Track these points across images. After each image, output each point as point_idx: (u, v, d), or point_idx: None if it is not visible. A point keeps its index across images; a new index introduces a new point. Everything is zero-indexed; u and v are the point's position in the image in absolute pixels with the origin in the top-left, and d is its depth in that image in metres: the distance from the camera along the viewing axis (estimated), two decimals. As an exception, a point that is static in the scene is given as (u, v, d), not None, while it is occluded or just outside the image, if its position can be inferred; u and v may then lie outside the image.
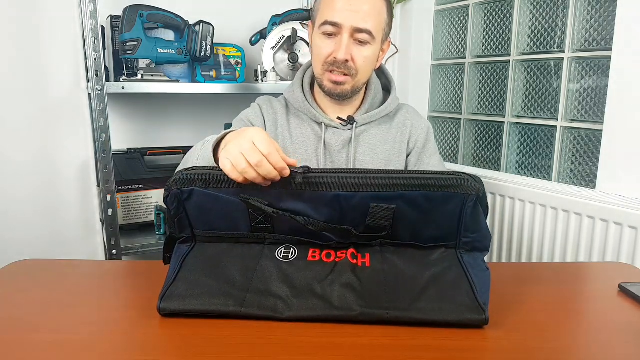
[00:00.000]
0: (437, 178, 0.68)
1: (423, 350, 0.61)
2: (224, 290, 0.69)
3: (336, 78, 1.02)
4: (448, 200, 0.68)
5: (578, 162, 1.47)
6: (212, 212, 0.72)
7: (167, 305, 0.68)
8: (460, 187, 0.67)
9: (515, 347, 0.61)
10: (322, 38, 1.02)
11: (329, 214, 0.71)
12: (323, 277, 0.70)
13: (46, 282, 0.81)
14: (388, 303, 0.67)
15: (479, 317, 0.65)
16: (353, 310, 0.66)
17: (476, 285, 0.68)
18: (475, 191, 0.67)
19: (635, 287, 0.78)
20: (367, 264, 0.71)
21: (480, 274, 0.69)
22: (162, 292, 0.69)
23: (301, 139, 1.10)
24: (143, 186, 1.54)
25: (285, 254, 0.73)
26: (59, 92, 1.55)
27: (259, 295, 0.68)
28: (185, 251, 0.74)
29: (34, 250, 1.57)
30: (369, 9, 0.99)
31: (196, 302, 0.68)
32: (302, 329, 0.65)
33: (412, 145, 1.15)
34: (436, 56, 1.94)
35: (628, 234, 1.18)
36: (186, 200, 0.71)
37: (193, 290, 0.69)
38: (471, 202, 0.68)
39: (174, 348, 0.61)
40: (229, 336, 0.63)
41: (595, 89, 1.41)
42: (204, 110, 1.79)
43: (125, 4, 1.40)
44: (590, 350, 0.62)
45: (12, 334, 0.64)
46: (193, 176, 0.70)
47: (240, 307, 0.67)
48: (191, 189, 0.70)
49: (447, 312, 0.66)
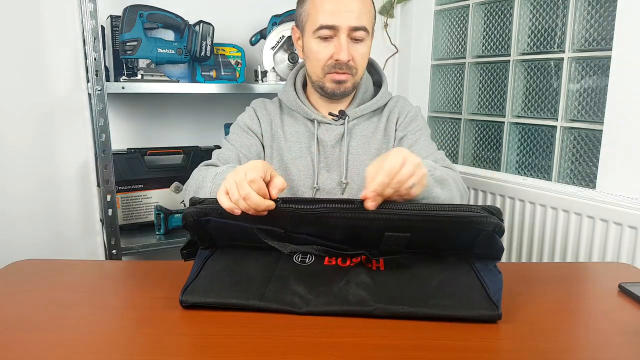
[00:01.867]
0: (457, 216, 0.68)
1: (423, 350, 0.61)
2: (243, 286, 0.72)
3: (339, 77, 1.03)
4: (465, 229, 0.70)
5: (578, 162, 1.47)
6: (230, 231, 0.76)
7: (189, 298, 0.70)
8: (479, 224, 0.69)
9: (515, 347, 0.61)
10: (318, 42, 1.02)
11: (343, 237, 0.74)
12: (339, 279, 0.72)
13: (46, 282, 0.81)
14: (402, 299, 0.68)
15: (492, 313, 0.67)
16: (368, 306, 0.68)
17: (488, 285, 0.70)
18: (493, 227, 0.69)
19: (635, 287, 0.78)
20: (381, 268, 0.74)
21: (492, 277, 0.72)
22: (185, 286, 0.72)
23: (295, 137, 1.12)
24: (143, 186, 1.54)
25: (302, 258, 0.76)
26: (59, 92, 1.55)
27: (277, 292, 0.71)
28: (207, 255, 0.78)
29: (34, 250, 1.57)
30: (361, 6, 1.00)
31: (217, 295, 0.70)
32: (301, 329, 0.65)
33: (399, 125, 1.13)
34: (436, 56, 1.94)
35: (628, 234, 1.18)
36: (204, 224, 0.75)
37: (213, 285, 0.72)
38: (488, 232, 0.70)
39: (174, 348, 0.61)
40: (228, 336, 0.63)
41: (595, 89, 1.41)
42: (204, 110, 1.79)
43: (125, 4, 1.40)
44: (590, 350, 0.62)
45: (12, 334, 0.64)
46: (208, 210, 0.73)
47: (259, 300, 0.69)
48: (207, 219, 0.74)
49: (461, 308, 0.67)
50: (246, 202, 0.68)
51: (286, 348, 0.60)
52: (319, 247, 0.74)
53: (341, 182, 1.09)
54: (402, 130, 1.12)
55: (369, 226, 0.71)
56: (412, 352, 0.60)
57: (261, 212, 0.70)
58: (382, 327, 0.66)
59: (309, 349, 0.60)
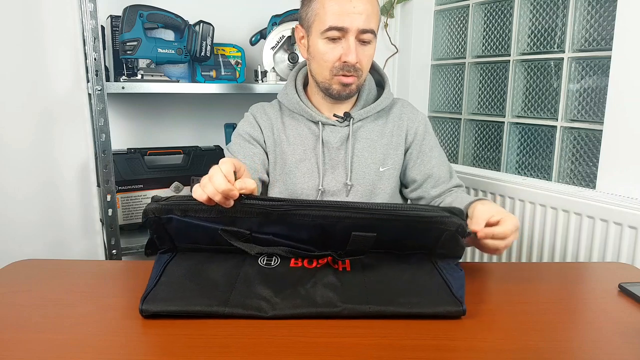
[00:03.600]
0: (421, 216, 0.71)
1: (423, 350, 0.61)
2: (207, 292, 0.70)
3: (347, 80, 1.03)
4: (429, 229, 0.73)
5: (578, 162, 1.47)
6: (193, 232, 0.74)
7: (149, 307, 0.67)
8: (442, 224, 0.72)
9: (516, 347, 0.61)
10: (326, 43, 1.02)
11: (309, 237, 0.74)
12: (305, 280, 0.72)
13: (46, 282, 0.81)
14: (369, 299, 0.69)
15: (457, 309, 0.68)
16: (336, 307, 0.68)
17: (451, 283, 0.72)
18: (455, 227, 0.72)
19: (635, 287, 0.78)
20: (347, 268, 0.75)
21: (455, 274, 0.74)
22: (144, 295, 0.69)
23: (298, 139, 1.11)
24: (143, 186, 1.54)
25: (267, 261, 0.75)
26: (59, 92, 1.55)
27: (243, 296, 0.69)
28: (166, 259, 0.75)
29: (34, 250, 1.57)
30: (369, 8, 1.00)
31: (180, 302, 0.68)
32: (302, 329, 0.65)
33: (411, 139, 1.14)
34: (436, 56, 1.94)
35: (628, 234, 1.18)
36: (166, 223, 0.73)
37: (176, 293, 0.70)
38: (451, 232, 0.72)
39: (173, 348, 0.61)
40: (227, 336, 0.63)
41: (595, 89, 1.41)
42: (204, 110, 1.79)
43: (125, 4, 1.40)
44: (590, 350, 0.62)
45: (12, 334, 0.64)
46: (170, 206, 0.71)
47: (224, 306, 0.68)
48: (169, 216, 0.72)
49: (427, 305, 0.69)
50: (210, 181, 0.68)
51: (286, 348, 0.61)
52: (285, 249, 0.73)
53: (346, 184, 1.09)
54: (417, 147, 1.14)
55: (336, 225, 0.71)
56: (411, 352, 0.60)
57: (225, 202, 0.69)
58: (382, 326, 0.66)
59: (310, 349, 0.60)
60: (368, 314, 0.68)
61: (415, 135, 1.14)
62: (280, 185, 1.11)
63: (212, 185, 0.68)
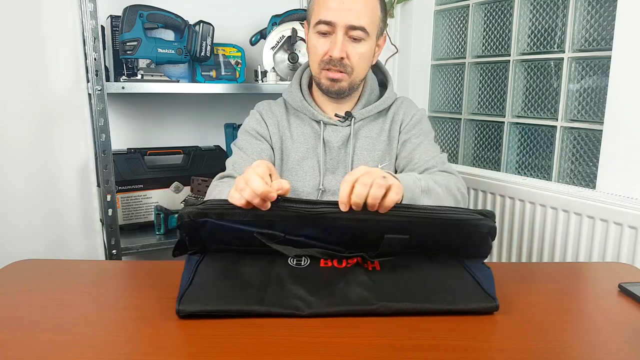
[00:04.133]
0: (455, 219, 0.71)
1: (423, 350, 0.61)
2: (241, 292, 0.70)
3: (332, 75, 1.03)
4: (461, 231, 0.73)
5: (578, 162, 1.47)
6: (225, 234, 0.74)
7: (186, 307, 0.67)
8: (477, 227, 0.72)
9: (515, 347, 0.61)
10: (317, 37, 1.03)
11: (341, 238, 0.74)
12: (337, 280, 0.72)
13: (46, 282, 0.81)
14: (404, 296, 0.70)
15: (490, 305, 0.69)
16: (371, 304, 0.68)
17: (481, 280, 0.73)
18: (488, 229, 0.72)
19: (635, 287, 0.78)
20: (377, 268, 0.75)
21: (483, 272, 0.74)
22: (180, 295, 0.69)
23: (302, 138, 1.11)
24: (143, 186, 1.54)
25: (297, 261, 0.76)
26: (59, 92, 1.55)
27: (278, 295, 0.70)
28: (196, 260, 0.76)
29: (34, 250, 1.57)
30: (362, 7, 1.00)
31: (215, 302, 0.68)
32: (301, 329, 0.65)
33: (402, 128, 1.12)
34: (436, 56, 1.94)
35: (628, 234, 1.18)
36: (200, 226, 0.73)
37: (210, 292, 0.70)
38: (483, 234, 0.73)
39: (173, 348, 0.61)
40: (227, 336, 0.63)
41: (595, 89, 1.41)
42: (204, 110, 1.79)
43: (125, 4, 1.40)
44: (590, 350, 0.62)
45: (12, 334, 0.64)
46: (206, 210, 0.71)
47: (260, 305, 0.68)
48: (205, 220, 0.72)
49: (462, 301, 0.70)
50: (247, 184, 0.68)
51: (286, 348, 0.61)
52: (320, 250, 0.74)
53: None
54: (406, 134, 1.12)
55: (370, 228, 0.71)
56: (411, 352, 0.60)
57: (263, 204, 0.69)
58: (382, 326, 0.66)
59: (310, 349, 0.60)
60: (404, 312, 0.68)
61: (408, 124, 1.12)
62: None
63: (251, 188, 0.68)
